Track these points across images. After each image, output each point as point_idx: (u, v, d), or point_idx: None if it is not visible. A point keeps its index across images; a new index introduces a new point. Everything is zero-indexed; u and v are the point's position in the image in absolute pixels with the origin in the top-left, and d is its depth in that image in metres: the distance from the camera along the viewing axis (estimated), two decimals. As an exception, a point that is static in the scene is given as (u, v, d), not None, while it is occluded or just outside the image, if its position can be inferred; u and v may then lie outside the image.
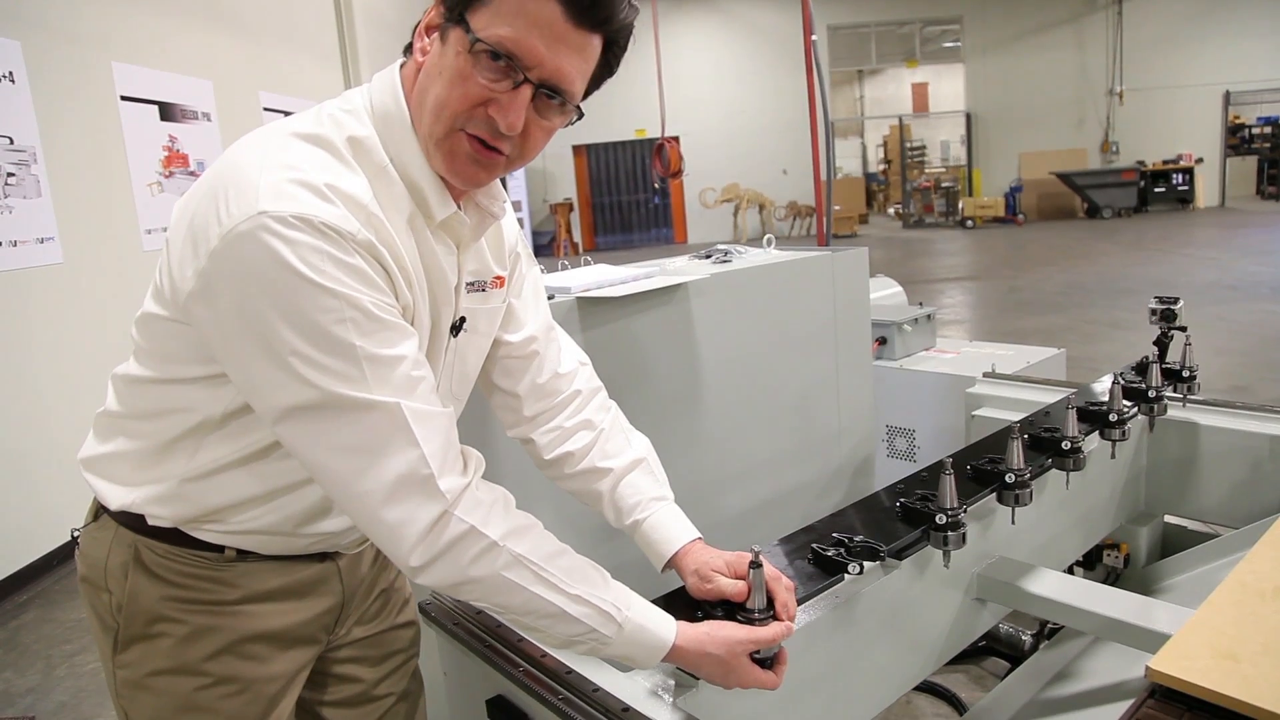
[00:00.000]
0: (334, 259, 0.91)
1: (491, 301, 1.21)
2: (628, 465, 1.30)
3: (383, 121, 1.02)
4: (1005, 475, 1.60)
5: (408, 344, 0.98)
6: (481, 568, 0.99)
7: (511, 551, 1.00)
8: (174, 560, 1.12)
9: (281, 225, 0.89)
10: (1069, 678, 1.92)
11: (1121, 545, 2.27)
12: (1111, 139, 18.18)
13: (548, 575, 1.02)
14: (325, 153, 0.98)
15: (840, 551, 1.35)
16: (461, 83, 0.96)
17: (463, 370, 1.22)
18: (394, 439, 0.95)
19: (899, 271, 4.31)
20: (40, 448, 4.03)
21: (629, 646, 1.08)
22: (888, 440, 3.20)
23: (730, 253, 2.50)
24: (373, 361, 0.94)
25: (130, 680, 1.15)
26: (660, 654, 1.09)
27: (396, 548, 0.97)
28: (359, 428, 0.94)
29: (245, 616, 1.14)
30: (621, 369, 2.03)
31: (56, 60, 4.26)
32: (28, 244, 4.04)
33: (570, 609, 1.03)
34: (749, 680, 1.12)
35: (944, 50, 19.58)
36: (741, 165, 17.67)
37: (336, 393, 0.92)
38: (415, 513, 0.96)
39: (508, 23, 0.93)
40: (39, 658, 3.34)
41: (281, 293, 0.90)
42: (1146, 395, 2.06)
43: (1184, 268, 10.48)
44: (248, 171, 0.93)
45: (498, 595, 1.02)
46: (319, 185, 0.93)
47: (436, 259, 1.07)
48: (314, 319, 0.90)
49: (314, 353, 0.91)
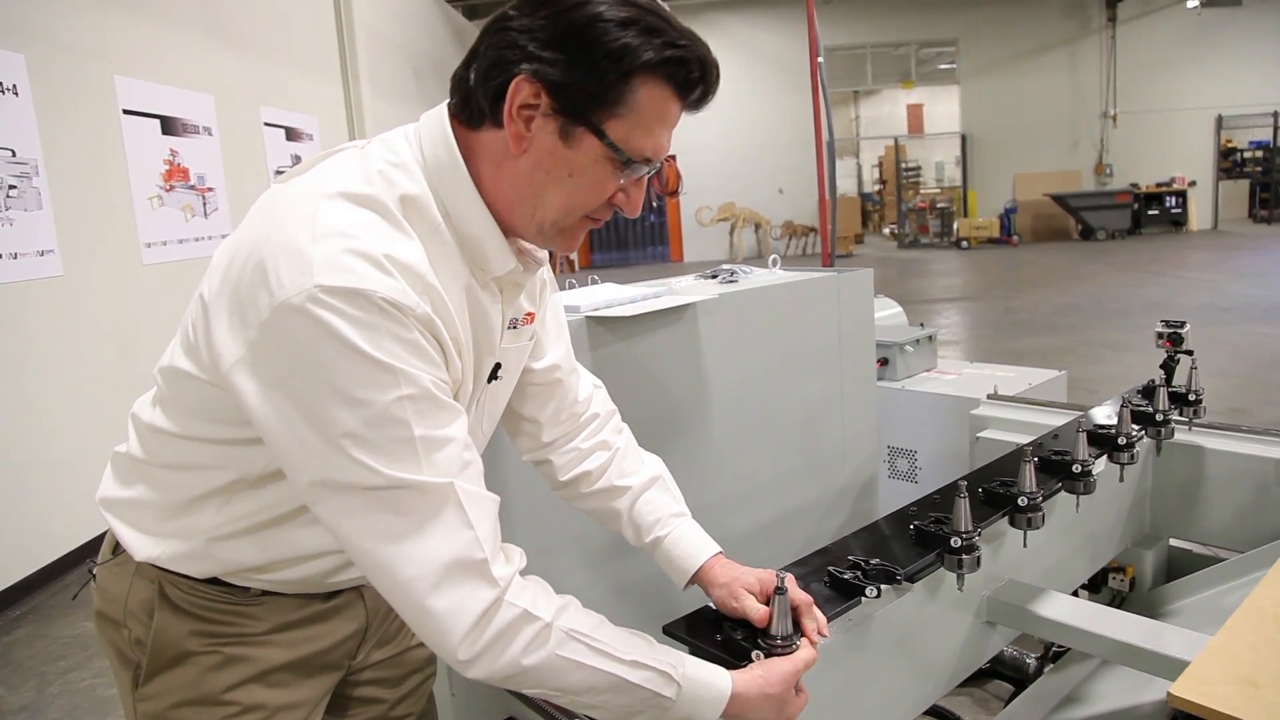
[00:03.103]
0: (394, 335, 0.87)
1: (522, 339, 1.19)
2: (645, 483, 1.30)
3: (436, 175, 0.98)
4: (1018, 498, 1.59)
5: (459, 424, 0.94)
6: (536, 654, 0.93)
7: (563, 629, 0.95)
8: (200, 596, 1.10)
9: (339, 300, 0.85)
10: (1077, 702, 1.91)
11: (1127, 568, 2.27)
12: (1105, 161, 18.32)
13: (601, 646, 0.97)
14: (378, 216, 0.93)
15: (857, 575, 1.34)
16: (599, 187, 0.99)
17: (493, 410, 1.20)
18: (446, 521, 0.90)
19: (895, 292, 4.33)
20: (37, 461, 4.01)
21: (691, 705, 1.03)
22: (889, 461, 3.20)
23: (736, 273, 2.51)
24: (427, 443, 0.90)
25: (153, 713, 1.13)
26: (721, 706, 1.04)
27: (445, 640, 0.91)
28: (409, 510, 0.89)
29: (272, 646, 1.13)
30: (629, 388, 2.03)
31: (59, 73, 4.26)
32: (28, 256, 4.02)
33: (630, 676, 0.98)
34: (796, 710, 1.11)
35: (939, 72, 19.73)
36: (737, 184, 17.74)
37: (389, 475, 0.88)
38: (466, 601, 0.90)
39: (648, 133, 0.97)
40: (32, 674, 3.30)
41: (337, 368, 0.86)
42: (1154, 419, 2.06)
43: (1178, 290, 10.53)
44: (299, 240, 0.88)
45: (555, 679, 0.96)
46: (378, 257, 0.88)
47: (484, 311, 1.05)
48: (369, 397, 0.87)
49: (367, 433, 0.87)
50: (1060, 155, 18.41)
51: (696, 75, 0.97)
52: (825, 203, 3.08)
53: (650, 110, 0.96)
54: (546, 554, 1.86)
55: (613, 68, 0.92)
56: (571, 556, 1.90)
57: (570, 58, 0.92)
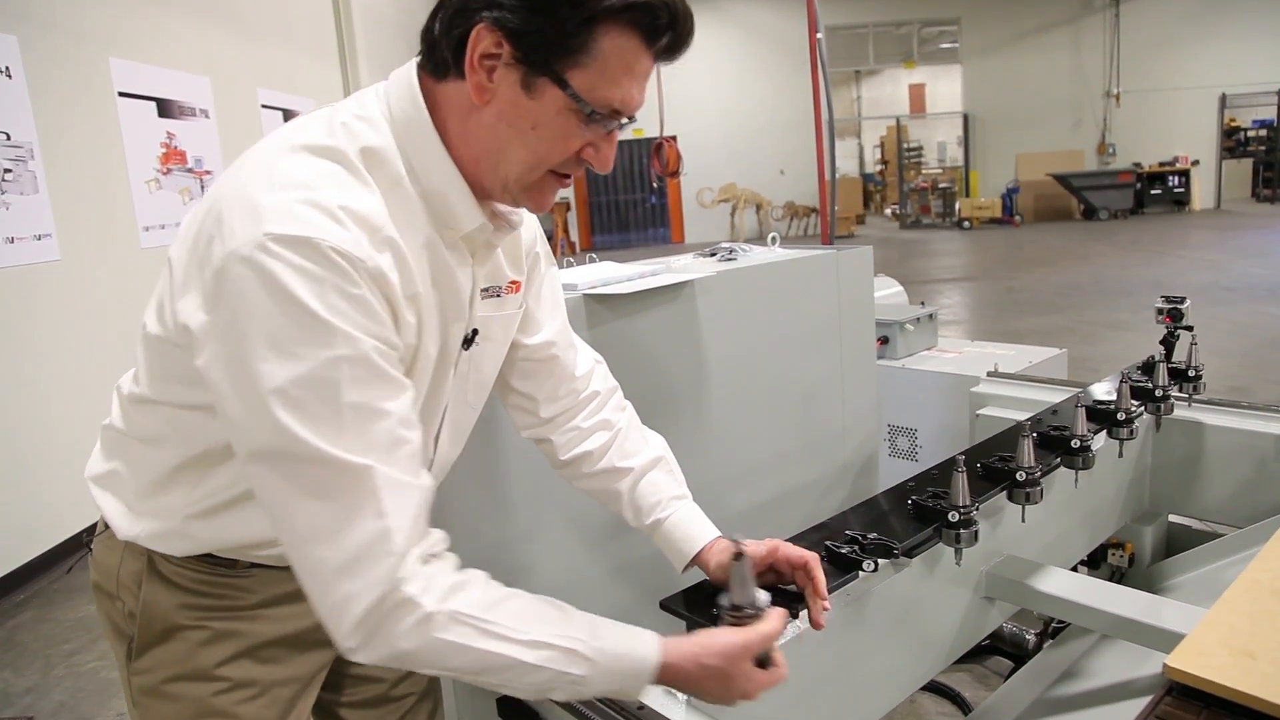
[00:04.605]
0: (339, 289, 0.85)
1: (507, 308, 1.16)
2: (647, 464, 1.28)
3: (402, 128, 0.97)
4: (1016, 473, 1.59)
5: (399, 400, 0.91)
6: (413, 639, 0.88)
7: (446, 612, 0.89)
8: (189, 568, 1.10)
9: (286, 248, 0.83)
10: (1075, 676, 1.91)
11: (1126, 544, 2.27)
12: (1108, 141, 18.24)
13: (491, 628, 0.91)
14: (339, 167, 0.92)
15: (854, 549, 1.34)
16: (564, 140, 0.95)
17: (479, 379, 1.18)
18: (359, 508, 0.86)
19: (896, 272, 4.31)
20: (38, 445, 4.02)
21: (610, 679, 0.96)
22: (890, 439, 3.20)
23: (735, 251, 2.49)
24: (357, 412, 0.86)
25: (146, 687, 1.13)
26: (646, 678, 0.97)
27: (335, 626, 0.88)
28: (324, 489, 0.86)
29: (263, 620, 1.12)
30: (627, 366, 2.01)
31: (54, 55, 4.24)
32: (25, 241, 4.02)
33: (526, 656, 0.91)
34: (756, 687, 1.02)
35: (941, 51, 19.61)
36: (738, 165, 17.68)
37: (309, 443, 0.84)
38: (363, 591, 0.86)
39: (614, 83, 0.93)
40: (37, 657, 3.32)
41: (275, 320, 0.83)
42: (1153, 394, 2.06)
43: (1180, 269, 10.51)
44: (255, 190, 0.87)
45: (441, 661, 0.91)
46: (332, 207, 0.87)
47: (451, 273, 1.02)
48: (302, 352, 0.84)
49: (295, 390, 0.84)
50: (1063, 135, 18.33)
51: (664, 21, 0.93)
52: (825, 183, 3.06)
53: (615, 59, 0.91)
54: (544, 531, 1.86)
55: (574, 14, 0.89)
56: (571, 534, 1.90)
57: (531, 4, 0.89)
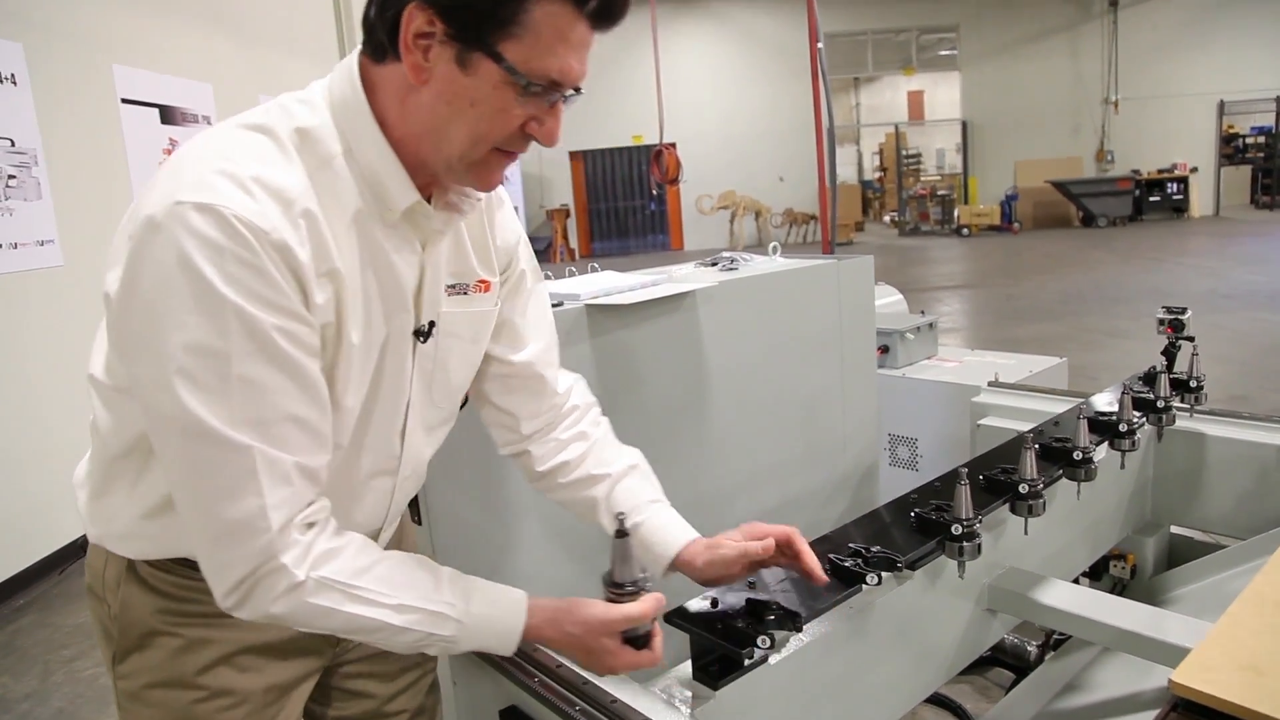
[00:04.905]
0: (239, 259, 0.86)
1: (474, 305, 1.15)
2: (623, 470, 1.28)
3: (340, 110, 0.98)
4: (1019, 485, 1.59)
5: (297, 379, 0.92)
6: (283, 604, 0.94)
7: (316, 579, 0.94)
8: (166, 572, 1.10)
9: (192, 214, 0.85)
10: (1078, 689, 1.91)
11: (1128, 556, 2.27)
12: (1107, 148, 18.27)
13: (360, 593, 0.96)
14: (266, 140, 0.94)
15: (858, 562, 1.34)
16: (503, 116, 0.94)
17: (445, 380, 1.16)
18: (239, 484, 0.89)
19: (895, 279, 4.32)
20: (38, 451, 4.01)
21: (478, 638, 1.05)
22: (890, 449, 3.20)
23: (736, 260, 2.50)
24: (247, 386, 0.88)
25: (129, 691, 1.13)
26: (513, 638, 1.07)
27: (214, 585, 0.94)
28: (208, 458, 0.89)
29: (238, 628, 1.10)
30: (629, 376, 2.02)
31: (58, 62, 4.24)
32: (28, 246, 4.02)
33: (393, 619, 0.98)
34: (620, 663, 1.07)
35: (940, 58, 19.66)
36: (738, 172, 17.71)
37: (194, 412, 0.87)
38: (238, 560, 0.92)
39: (548, 52, 0.91)
40: (36, 663, 3.31)
41: (174, 285, 0.85)
42: (1155, 405, 2.06)
43: (1180, 277, 10.52)
44: (184, 161, 0.91)
45: (315, 622, 0.97)
46: (243, 177, 0.88)
47: (387, 259, 1.01)
48: (196, 320, 0.86)
49: (185, 358, 0.86)
50: (1061, 142, 18.36)
51: None
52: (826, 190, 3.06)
53: (548, 28, 0.90)
54: (536, 545, 1.86)
55: None
56: (558, 554, 1.90)
57: None
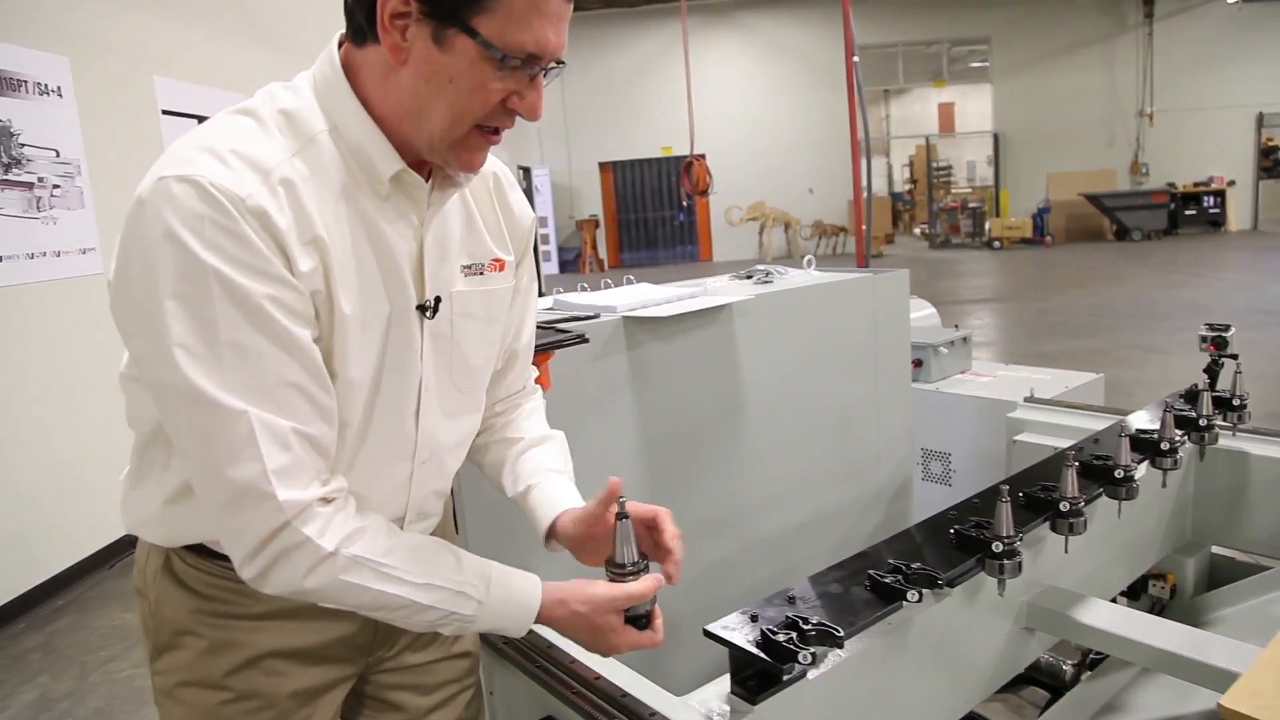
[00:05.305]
0: (219, 226, 0.88)
1: (490, 284, 1.16)
2: (538, 439, 1.31)
3: (324, 92, 1.01)
4: (1060, 503, 1.57)
5: (288, 346, 0.93)
6: (317, 579, 0.96)
7: (348, 555, 0.97)
8: (201, 570, 1.11)
9: (173, 187, 0.88)
10: (1117, 711, 1.88)
11: (1168, 575, 2.23)
12: (1141, 160, 18.04)
13: (389, 571, 0.99)
14: (250, 121, 0.97)
15: (898, 579, 1.33)
16: (482, 91, 0.95)
17: (463, 360, 1.16)
18: (238, 449, 0.91)
19: (926, 293, 4.28)
20: (82, 454, 4.08)
21: (496, 619, 1.08)
22: (923, 463, 3.17)
23: (771, 274, 2.50)
24: (237, 352, 0.90)
25: (163, 689, 1.15)
26: (529, 618, 1.09)
27: (233, 554, 0.96)
28: (207, 425, 0.91)
29: (266, 632, 1.12)
30: (664, 388, 2.03)
31: (101, 75, 4.34)
32: (71, 254, 4.10)
33: (419, 598, 1.01)
34: (623, 643, 1.09)
35: (971, 70, 19.53)
36: (767, 183, 17.69)
37: (189, 378, 0.89)
38: (250, 525, 0.93)
39: (524, 25, 0.92)
40: (74, 663, 3.37)
41: (159, 259, 0.88)
42: (1197, 424, 2.03)
43: (1217, 291, 10.36)
44: (172, 147, 0.95)
45: (345, 599, 0.99)
46: (221, 150, 0.92)
47: (379, 230, 1.02)
48: (180, 289, 0.88)
49: (176, 326, 0.88)
50: (1095, 154, 18.16)
51: None
52: (861, 203, 3.06)
53: (521, 1, 0.91)
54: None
55: None
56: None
57: None
